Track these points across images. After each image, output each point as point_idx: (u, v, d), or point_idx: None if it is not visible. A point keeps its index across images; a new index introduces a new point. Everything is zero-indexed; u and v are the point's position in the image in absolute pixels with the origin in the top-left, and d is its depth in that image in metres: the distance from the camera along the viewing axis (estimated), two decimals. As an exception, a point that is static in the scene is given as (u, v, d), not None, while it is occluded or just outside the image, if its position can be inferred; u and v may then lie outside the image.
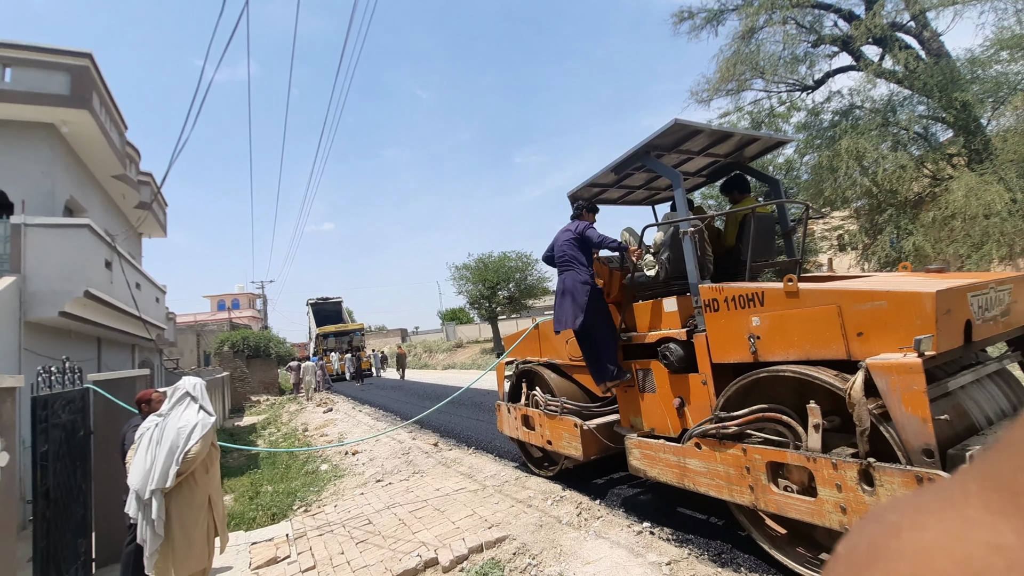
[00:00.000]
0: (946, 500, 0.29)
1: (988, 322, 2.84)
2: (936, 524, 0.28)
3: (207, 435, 3.36)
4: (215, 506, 3.49)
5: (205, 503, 3.40)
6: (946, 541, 0.26)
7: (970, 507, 0.27)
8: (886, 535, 0.29)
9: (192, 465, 3.26)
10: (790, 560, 3.13)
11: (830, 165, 11.09)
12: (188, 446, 3.25)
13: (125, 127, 12.87)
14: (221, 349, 22.65)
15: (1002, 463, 0.28)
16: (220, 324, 37.83)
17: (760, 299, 3.23)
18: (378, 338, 55.17)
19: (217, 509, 3.52)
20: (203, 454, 3.33)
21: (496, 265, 28.20)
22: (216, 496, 3.54)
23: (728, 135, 4.30)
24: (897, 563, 0.27)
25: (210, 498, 3.45)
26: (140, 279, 11.93)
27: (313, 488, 6.61)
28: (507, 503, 5.06)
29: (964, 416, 2.80)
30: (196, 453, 3.26)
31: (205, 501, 3.40)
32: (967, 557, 0.25)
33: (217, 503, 3.54)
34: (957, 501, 0.28)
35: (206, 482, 3.44)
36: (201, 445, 3.29)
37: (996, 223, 8.73)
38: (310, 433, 11.52)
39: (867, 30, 11.15)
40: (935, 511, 0.29)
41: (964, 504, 0.28)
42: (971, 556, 0.25)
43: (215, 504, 3.49)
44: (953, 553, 0.26)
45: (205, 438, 3.33)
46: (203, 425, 3.36)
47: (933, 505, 0.29)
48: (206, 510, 3.40)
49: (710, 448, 3.41)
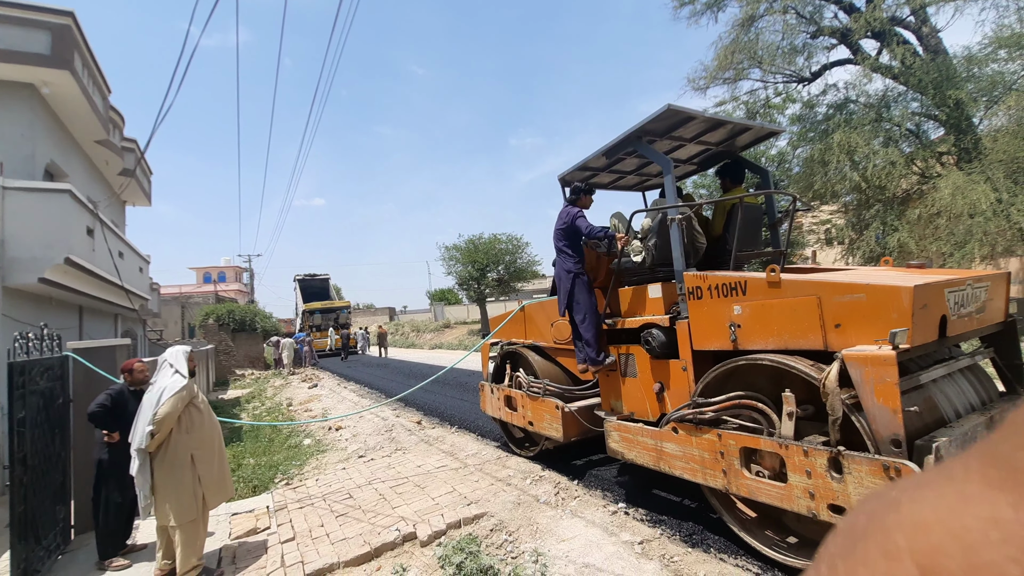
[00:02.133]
0: (947, 476, 0.29)
1: (963, 318, 2.90)
2: (935, 498, 0.28)
3: (175, 396, 3.53)
4: (200, 463, 3.65)
5: (187, 461, 3.60)
6: (944, 515, 0.26)
7: (969, 483, 0.27)
8: (885, 509, 0.29)
9: (163, 426, 3.47)
10: (758, 543, 3.22)
11: (822, 159, 11.12)
12: (158, 407, 3.47)
13: (109, 91, 12.50)
14: (206, 322, 22.48)
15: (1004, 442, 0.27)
16: (206, 297, 37.48)
17: (743, 288, 3.26)
18: (366, 316, 55.07)
19: (206, 466, 3.68)
20: (174, 415, 3.52)
21: (486, 247, 28.12)
22: (203, 454, 3.70)
23: (721, 123, 4.28)
24: (894, 535, 0.27)
25: (193, 456, 3.63)
26: (123, 248, 11.72)
27: (295, 462, 6.64)
28: (487, 481, 5.13)
29: (934, 409, 2.86)
30: (164, 414, 3.47)
31: (187, 459, 3.60)
32: (963, 530, 0.25)
33: (204, 461, 3.69)
34: (957, 477, 0.28)
35: (186, 441, 3.62)
36: (169, 406, 3.49)
37: (980, 222, 8.85)
38: (294, 408, 11.53)
39: (867, 23, 11.09)
40: (935, 486, 0.28)
41: (964, 480, 0.27)
42: (968, 529, 0.25)
43: (200, 461, 3.65)
44: (950, 526, 0.26)
45: (172, 399, 3.51)
46: (170, 388, 3.55)
47: (934, 481, 0.29)
48: (189, 467, 3.59)
49: (687, 433, 3.47)
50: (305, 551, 3.92)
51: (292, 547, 4.02)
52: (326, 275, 34.68)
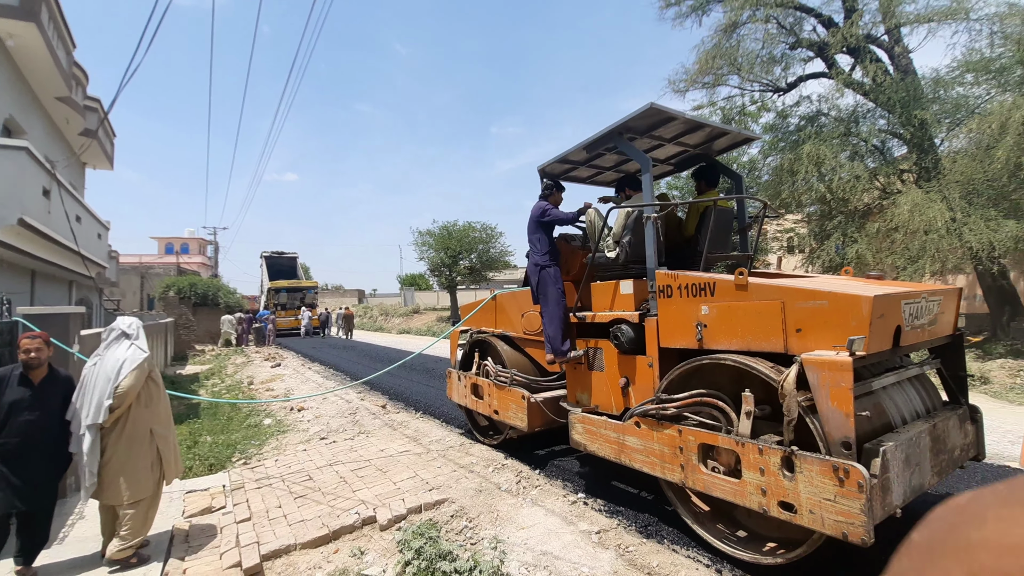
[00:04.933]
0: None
1: (916, 329, 3.04)
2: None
3: (138, 369, 3.39)
4: (159, 438, 3.54)
5: (147, 435, 3.48)
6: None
7: None
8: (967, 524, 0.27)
9: (125, 399, 3.33)
10: (709, 535, 3.33)
11: (791, 168, 11.43)
12: (118, 381, 3.31)
13: (74, 45, 11.79)
14: (166, 294, 21.70)
15: None
16: (167, 268, 36.17)
17: (711, 289, 3.33)
18: (335, 297, 54.12)
19: (163, 442, 3.57)
20: (136, 388, 3.38)
21: (460, 234, 27.97)
22: (161, 429, 3.58)
23: (700, 125, 4.34)
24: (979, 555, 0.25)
25: (152, 431, 3.51)
26: (81, 212, 11.15)
27: (254, 442, 6.50)
28: (449, 468, 5.13)
29: (883, 414, 3.00)
30: (127, 387, 3.32)
31: (147, 434, 3.48)
32: None
33: (164, 436, 3.59)
34: None
35: (146, 416, 3.49)
36: (132, 379, 3.35)
37: (934, 239, 9.27)
38: (255, 387, 11.26)
39: (843, 39, 11.41)
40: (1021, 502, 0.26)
41: None
42: None
43: (158, 437, 3.54)
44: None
45: (135, 372, 3.37)
46: (132, 360, 3.40)
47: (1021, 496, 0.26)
48: (148, 442, 3.47)
49: (649, 427, 3.54)
50: (261, 532, 3.85)
51: (248, 527, 3.94)
52: (294, 254, 33.88)
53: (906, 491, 2.67)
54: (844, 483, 2.44)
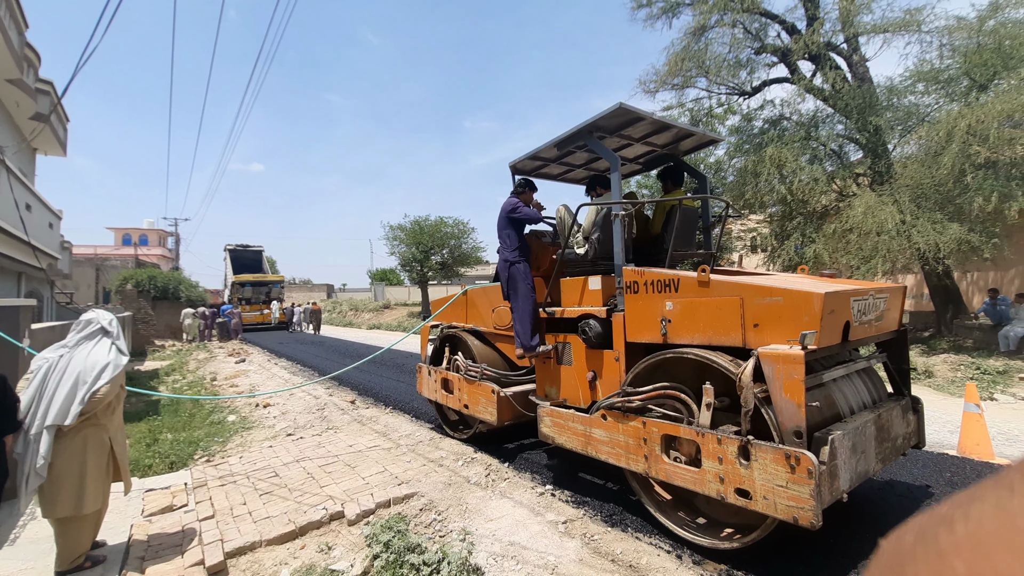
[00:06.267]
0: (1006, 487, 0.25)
1: (864, 325, 3.22)
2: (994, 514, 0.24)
3: (119, 374, 3.18)
4: (116, 447, 3.32)
5: (107, 445, 3.24)
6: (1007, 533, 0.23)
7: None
8: (936, 527, 0.26)
9: (98, 406, 3.10)
10: (670, 522, 3.46)
11: (754, 170, 11.81)
12: (97, 385, 3.05)
13: (26, 25, 11.17)
14: (124, 287, 20.78)
15: None
16: (124, 260, 34.75)
17: (676, 286, 3.44)
18: (303, 292, 52.94)
19: (119, 451, 3.35)
20: (111, 395, 3.16)
21: (432, 229, 27.79)
22: (119, 437, 3.37)
23: (668, 126, 4.46)
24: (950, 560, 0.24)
25: (111, 438, 3.28)
26: (31, 200, 10.61)
27: (218, 439, 6.35)
28: (419, 462, 5.14)
29: (832, 405, 3.18)
30: (105, 394, 3.09)
31: (107, 442, 3.24)
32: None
33: (120, 445, 3.37)
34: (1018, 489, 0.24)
35: (110, 423, 3.27)
36: (111, 386, 3.11)
37: (885, 240, 9.75)
38: (219, 383, 10.96)
39: (805, 46, 11.82)
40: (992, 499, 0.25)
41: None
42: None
43: (116, 445, 3.32)
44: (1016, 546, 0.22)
45: (115, 379, 3.14)
46: (115, 365, 3.17)
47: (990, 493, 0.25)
48: (107, 452, 3.25)
49: (614, 420, 3.64)
50: (225, 529, 3.78)
51: (211, 525, 3.87)
52: (260, 247, 33.00)
53: (852, 477, 2.84)
54: (795, 470, 2.58)
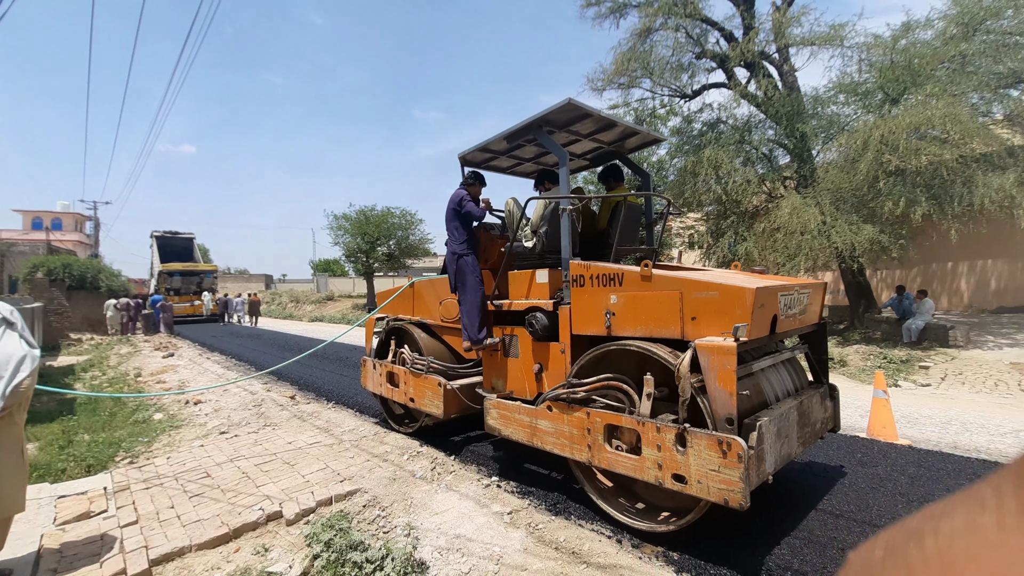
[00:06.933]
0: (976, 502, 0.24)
1: (790, 318, 3.45)
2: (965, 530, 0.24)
3: (35, 369, 2.95)
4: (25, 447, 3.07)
5: (22, 443, 3.01)
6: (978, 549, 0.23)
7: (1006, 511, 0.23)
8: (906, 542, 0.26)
9: (17, 400, 2.87)
10: (611, 508, 3.59)
11: (693, 170, 12.35)
12: (18, 379, 2.83)
13: None
14: (33, 275, 18.87)
15: None
16: (34, 246, 31.68)
17: (620, 280, 3.55)
18: (239, 282, 50.27)
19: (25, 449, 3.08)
20: (31, 391, 2.95)
21: (378, 220, 27.13)
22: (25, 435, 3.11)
23: (613, 124, 4.56)
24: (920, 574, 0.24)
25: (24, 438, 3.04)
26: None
27: (143, 439, 5.93)
28: (363, 457, 5.04)
29: (760, 393, 3.40)
30: (27, 387, 2.88)
31: (22, 440, 3.01)
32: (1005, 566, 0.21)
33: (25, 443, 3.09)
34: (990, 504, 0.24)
35: (20, 421, 3.01)
36: (31, 380, 2.91)
37: (808, 239, 10.49)
38: (144, 379, 10.23)
39: (741, 53, 12.43)
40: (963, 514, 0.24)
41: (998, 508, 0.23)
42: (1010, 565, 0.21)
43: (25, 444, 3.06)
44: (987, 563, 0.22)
45: (35, 373, 2.94)
46: (32, 358, 2.94)
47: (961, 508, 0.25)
48: (24, 451, 3.01)
49: (560, 411, 3.72)
50: (150, 535, 3.55)
51: (135, 531, 3.62)
52: (191, 234, 30.98)
53: (777, 460, 3.05)
54: (727, 455, 2.74)
